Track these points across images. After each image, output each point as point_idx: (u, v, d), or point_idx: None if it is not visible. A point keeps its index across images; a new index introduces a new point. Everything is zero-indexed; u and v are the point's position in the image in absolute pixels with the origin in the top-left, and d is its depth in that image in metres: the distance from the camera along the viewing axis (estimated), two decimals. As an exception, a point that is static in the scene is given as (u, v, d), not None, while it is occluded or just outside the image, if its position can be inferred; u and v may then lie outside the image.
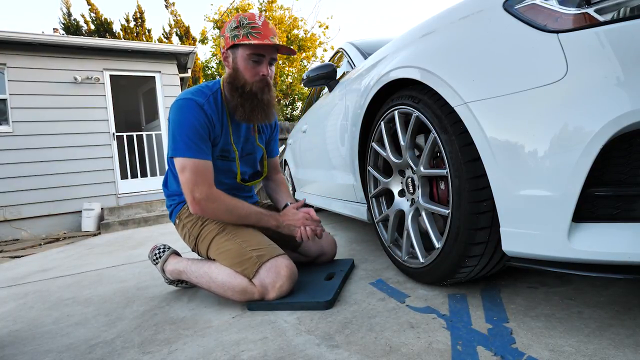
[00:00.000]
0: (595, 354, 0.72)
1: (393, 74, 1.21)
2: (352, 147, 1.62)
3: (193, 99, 1.25)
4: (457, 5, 1.01)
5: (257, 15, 1.24)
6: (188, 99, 1.24)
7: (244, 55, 1.25)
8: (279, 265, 1.18)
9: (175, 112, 1.25)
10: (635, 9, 0.66)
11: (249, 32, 1.21)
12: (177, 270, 1.39)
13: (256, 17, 1.24)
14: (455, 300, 1.06)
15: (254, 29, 1.22)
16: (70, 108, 5.18)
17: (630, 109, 0.63)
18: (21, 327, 1.32)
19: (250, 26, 1.22)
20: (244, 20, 1.23)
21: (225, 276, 1.20)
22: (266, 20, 1.26)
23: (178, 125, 1.22)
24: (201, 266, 1.30)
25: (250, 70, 1.26)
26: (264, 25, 1.24)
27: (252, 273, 1.17)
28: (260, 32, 1.22)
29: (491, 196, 0.87)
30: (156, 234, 3.74)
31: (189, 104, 1.24)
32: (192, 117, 1.22)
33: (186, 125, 1.21)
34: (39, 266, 2.62)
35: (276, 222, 1.34)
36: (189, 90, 1.30)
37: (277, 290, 1.17)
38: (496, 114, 0.82)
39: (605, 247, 0.69)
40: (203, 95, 1.28)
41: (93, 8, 11.15)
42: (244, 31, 1.22)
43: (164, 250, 1.48)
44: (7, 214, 4.73)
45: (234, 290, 1.18)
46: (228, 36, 1.26)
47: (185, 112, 1.23)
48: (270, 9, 12.56)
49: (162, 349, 0.99)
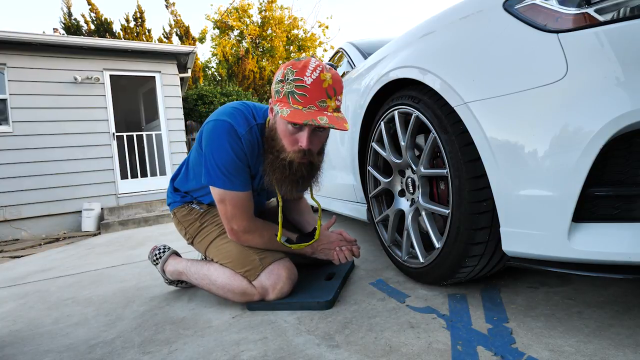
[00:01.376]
0: (595, 354, 0.72)
1: (393, 74, 1.21)
2: (352, 147, 1.62)
3: (234, 126, 1.08)
4: (457, 5, 1.01)
5: (310, 69, 0.97)
6: (229, 124, 1.08)
7: (283, 120, 1.00)
8: (280, 267, 1.18)
9: (212, 134, 1.09)
10: (635, 9, 0.66)
11: (292, 92, 0.97)
12: (177, 271, 1.39)
13: (307, 72, 0.97)
14: (455, 300, 1.06)
15: (300, 88, 0.96)
16: (70, 108, 5.18)
17: (630, 109, 0.63)
18: (21, 327, 1.32)
19: (295, 83, 0.97)
20: (290, 74, 0.98)
21: (225, 279, 1.20)
22: (320, 78, 0.97)
23: (217, 150, 1.08)
24: (201, 268, 1.29)
25: (289, 137, 1.03)
26: (314, 86, 0.96)
27: (254, 276, 1.17)
28: (305, 94, 0.96)
29: (491, 196, 0.87)
30: (156, 234, 3.74)
31: (230, 130, 1.08)
32: (230, 145, 1.07)
33: (224, 153, 1.07)
34: (39, 266, 2.62)
35: (311, 248, 1.28)
36: (229, 110, 1.12)
37: (278, 292, 1.17)
38: (496, 114, 0.82)
39: (605, 247, 0.69)
40: (244, 123, 1.11)
41: (93, 8, 11.14)
42: (287, 89, 0.98)
43: (164, 251, 1.47)
44: (7, 214, 4.73)
45: (234, 292, 1.18)
46: (273, 89, 1.04)
47: (224, 137, 1.07)
48: (270, 9, 12.57)
49: (162, 349, 0.99)
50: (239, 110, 1.13)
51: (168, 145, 5.87)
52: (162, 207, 5.28)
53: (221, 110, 1.14)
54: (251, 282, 1.17)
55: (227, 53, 12.71)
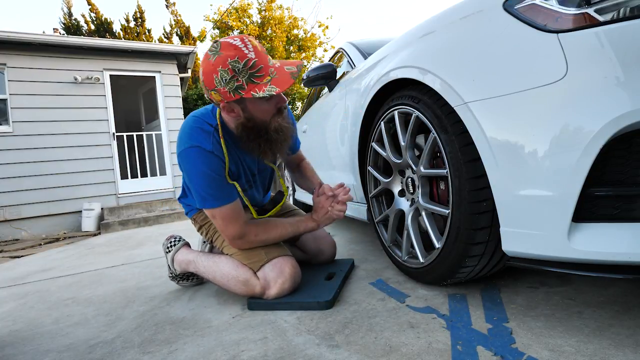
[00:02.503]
0: (595, 354, 0.72)
1: (393, 74, 1.21)
2: (352, 147, 1.62)
3: (200, 147, 1.13)
4: (457, 5, 1.01)
5: (242, 47, 1.01)
6: (196, 148, 1.13)
7: (256, 102, 1.08)
8: (284, 263, 1.21)
9: (187, 165, 1.16)
10: (635, 9, 0.66)
11: (250, 76, 1.02)
12: (186, 259, 1.42)
13: (245, 50, 1.01)
14: (455, 300, 1.06)
15: (253, 68, 1.01)
16: (70, 108, 5.17)
17: (630, 109, 0.63)
18: (21, 327, 1.32)
19: (247, 68, 1.01)
20: (236, 64, 1.00)
21: (230, 268, 1.25)
22: (252, 43, 1.03)
23: (194, 177, 1.15)
24: (210, 257, 1.35)
25: (268, 110, 1.12)
26: (257, 54, 1.02)
27: (258, 267, 1.20)
28: (261, 66, 1.02)
29: (491, 196, 0.87)
30: (156, 234, 3.74)
31: (199, 153, 1.13)
32: (205, 167, 1.13)
33: (201, 178, 1.14)
34: (39, 266, 2.62)
35: (313, 222, 1.35)
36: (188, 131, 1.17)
37: (279, 287, 1.18)
38: (496, 114, 0.82)
39: (605, 247, 0.69)
40: (207, 139, 1.15)
41: (93, 8, 11.15)
42: (244, 78, 1.01)
43: (179, 240, 1.52)
44: (7, 214, 4.73)
45: (237, 279, 1.22)
46: (225, 90, 1.03)
47: (198, 163, 1.13)
48: (270, 9, 12.55)
49: (162, 349, 0.99)
50: (195, 128, 1.17)
51: (168, 145, 5.87)
52: (162, 207, 5.28)
53: (183, 136, 1.17)
54: (255, 273, 1.21)
55: (227, 53, 12.64)
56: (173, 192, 5.79)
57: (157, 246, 2.83)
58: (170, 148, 5.87)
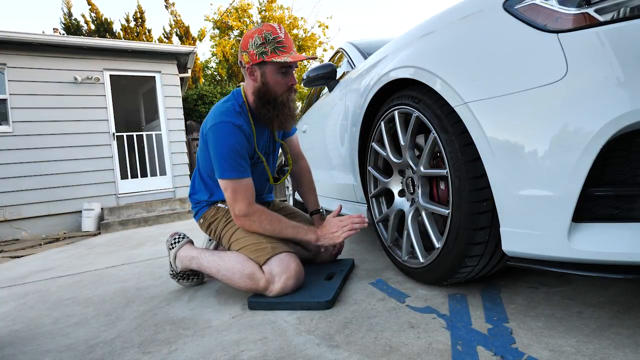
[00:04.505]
0: (595, 354, 0.72)
1: (393, 74, 1.21)
2: (352, 147, 1.62)
3: (231, 122, 1.28)
4: (457, 5, 1.01)
5: (277, 28, 1.29)
6: (226, 123, 1.28)
7: (273, 70, 1.30)
8: (290, 260, 1.23)
9: (215, 136, 1.28)
10: (635, 9, 0.66)
11: (275, 47, 1.27)
12: (189, 255, 1.43)
13: (278, 31, 1.28)
14: (455, 300, 1.06)
15: (280, 43, 1.27)
16: (70, 108, 5.17)
17: (630, 109, 0.63)
18: (21, 327, 1.32)
19: (276, 41, 1.27)
20: (269, 35, 1.26)
21: (235, 262, 1.26)
22: (285, 31, 1.31)
23: (221, 148, 1.27)
24: (215, 252, 1.37)
25: (280, 82, 1.32)
26: (286, 38, 1.30)
27: (264, 260, 1.21)
28: (285, 45, 1.28)
29: (491, 196, 0.87)
30: (156, 234, 3.74)
31: (229, 128, 1.28)
32: (232, 140, 1.27)
33: (226, 149, 1.27)
34: (39, 266, 2.62)
35: (315, 235, 1.35)
36: (221, 110, 1.32)
37: (283, 283, 1.18)
38: (496, 114, 0.82)
39: (605, 247, 0.69)
40: (237, 115, 1.32)
41: (93, 8, 11.14)
42: (270, 47, 1.26)
43: (183, 237, 1.53)
44: (7, 214, 4.73)
45: (242, 273, 1.23)
46: (254, 52, 1.28)
47: (226, 135, 1.27)
48: (270, 9, 12.57)
49: (162, 349, 0.99)
50: (227, 106, 1.34)
51: (168, 145, 5.87)
52: (162, 207, 5.28)
53: (216, 113, 1.32)
54: (260, 268, 1.21)
55: (227, 53, 12.71)
56: (173, 192, 5.79)
57: (157, 246, 2.83)
58: (171, 148, 5.88)
